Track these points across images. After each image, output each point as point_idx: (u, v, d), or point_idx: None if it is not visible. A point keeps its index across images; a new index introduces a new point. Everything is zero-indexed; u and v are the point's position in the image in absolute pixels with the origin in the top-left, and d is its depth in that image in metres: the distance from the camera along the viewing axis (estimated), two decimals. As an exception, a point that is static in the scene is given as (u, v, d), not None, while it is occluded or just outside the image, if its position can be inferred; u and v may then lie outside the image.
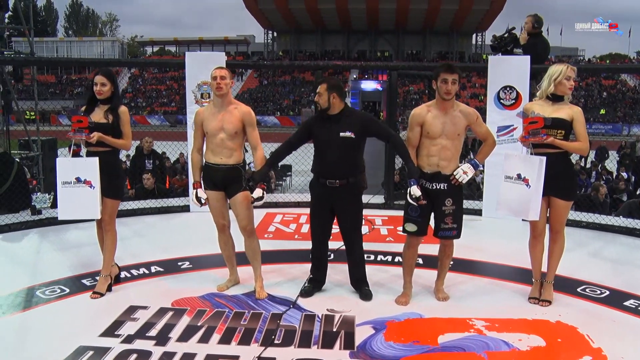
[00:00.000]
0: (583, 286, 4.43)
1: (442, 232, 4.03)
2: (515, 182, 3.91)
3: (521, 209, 3.91)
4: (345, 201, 4.08)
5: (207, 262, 4.94)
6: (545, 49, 7.04)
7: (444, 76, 3.83)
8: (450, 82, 3.82)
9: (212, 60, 6.58)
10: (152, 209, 7.08)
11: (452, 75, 3.83)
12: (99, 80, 4.03)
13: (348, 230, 4.16)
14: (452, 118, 3.93)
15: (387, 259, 5.16)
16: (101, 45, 60.50)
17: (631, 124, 40.17)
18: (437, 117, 3.93)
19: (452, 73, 3.83)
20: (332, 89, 3.96)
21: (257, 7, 51.46)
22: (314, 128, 4.07)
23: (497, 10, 50.17)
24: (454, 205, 3.99)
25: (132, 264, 4.83)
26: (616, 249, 5.72)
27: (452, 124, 3.92)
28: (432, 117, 3.93)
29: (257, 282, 4.25)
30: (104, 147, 4.05)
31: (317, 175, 4.11)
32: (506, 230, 6.13)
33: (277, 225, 6.42)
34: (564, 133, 3.84)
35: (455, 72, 3.85)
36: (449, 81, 3.82)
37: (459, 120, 3.93)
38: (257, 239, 4.29)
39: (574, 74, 3.87)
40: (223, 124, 4.05)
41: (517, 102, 6.56)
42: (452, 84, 3.83)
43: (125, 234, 5.87)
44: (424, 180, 3.98)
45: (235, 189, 4.12)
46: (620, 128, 39.49)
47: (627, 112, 43.13)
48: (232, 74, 4.15)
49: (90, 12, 78.75)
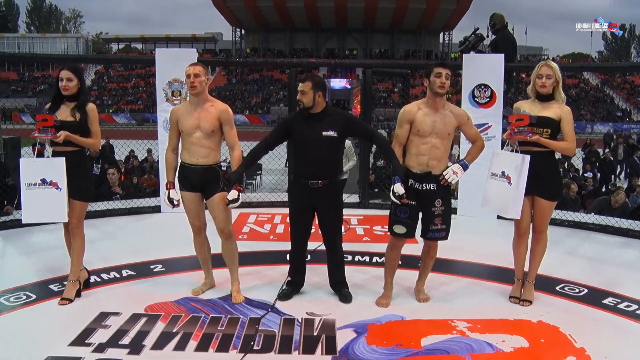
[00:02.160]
0: (562, 285, 4.42)
1: (431, 233, 3.95)
2: (500, 180, 3.88)
3: (503, 206, 3.89)
4: (327, 202, 3.98)
5: (181, 264, 4.78)
6: (507, 45, 7.04)
7: (438, 70, 3.78)
8: (444, 76, 3.78)
9: (183, 57, 6.42)
10: (122, 210, 6.86)
11: (445, 69, 3.79)
12: (65, 76, 3.84)
13: (330, 232, 4.06)
14: (443, 117, 3.86)
15: (364, 259, 5.08)
16: (65, 42, 59.30)
17: (594, 122, 41.05)
18: (427, 115, 3.86)
19: (445, 68, 3.80)
20: (317, 87, 3.85)
21: (224, 4, 50.96)
22: (293, 127, 3.94)
23: (463, 9, 50.71)
24: (444, 206, 3.93)
25: (102, 268, 4.64)
26: (591, 246, 5.75)
27: (443, 122, 3.86)
28: (423, 114, 3.86)
29: (234, 285, 4.12)
30: (71, 147, 3.86)
31: (298, 176, 3.98)
32: (482, 228, 6.14)
33: (252, 226, 6.28)
34: (550, 132, 3.81)
35: (448, 67, 3.81)
36: (443, 75, 3.77)
37: (449, 119, 3.87)
38: (235, 241, 4.15)
39: (549, 70, 3.83)
40: (199, 122, 3.90)
41: (491, 100, 6.57)
42: (445, 78, 3.78)
43: (95, 236, 5.66)
44: (413, 180, 3.90)
45: (212, 190, 3.97)
46: (584, 126, 40.27)
47: (590, 110, 44.09)
48: (207, 71, 3.99)
49: (53, 8, 76.80)
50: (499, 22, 7.14)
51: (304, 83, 3.87)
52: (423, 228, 3.99)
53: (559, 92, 3.87)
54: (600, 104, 46.08)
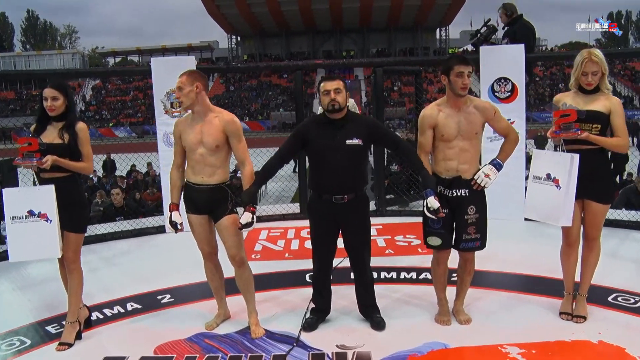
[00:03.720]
0: (614, 294, 3.98)
1: (465, 243, 3.51)
2: (545, 183, 3.43)
3: (551, 213, 3.43)
4: (354, 218, 3.53)
5: (191, 293, 4.35)
6: (526, 34, 6.60)
7: (459, 69, 3.33)
8: (466, 75, 3.34)
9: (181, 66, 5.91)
10: (124, 233, 6.40)
11: (467, 67, 3.34)
12: (49, 94, 3.41)
13: (358, 251, 3.61)
14: (467, 115, 3.43)
15: (391, 275, 4.63)
16: (61, 59, 59.14)
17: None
18: (450, 117, 3.43)
19: (467, 65, 3.34)
20: (346, 88, 3.42)
21: (219, 12, 50.73)
22: (310, 135, 3.48)
23: (459, 4, 50.46)
24: (478, 214, 3.49)
25: (104, 302, 4.20)
26: (634, 247, 5.29)
27: (468, 122, 3.43)
28: (445, 117, 3.44)
29: (252, 317, 3.68)
30: (60, 173, 3.43)
31: (319, 191, 3.53)
32: (509, 232, 5.68)
33: (264, 243, 5.83)
34: (600, 127, 3.36)
35: (470, 64, 3.36)
36: (465, 74, 3.33)
37: (474, 117, 3.44)
38: (249, 268, 3.71)
39: (594, 67, 3.35)
40: (202, 137, 3.46)
41: (513, 95, 6.14)
42: (468, 76, 3.35)
43: (95, 264, 5.27)
44: (442, 187, 3.48)
45: (220, 212, 3.54)
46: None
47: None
48: (195, 78, 3.45)
49: (47, 25, 76.67)
50: (515, 10, 6.70)
51: (335, 81, 3.42)
52: (456, 238, 3.56)
53: (605, 83, 3.41)
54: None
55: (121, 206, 7.60)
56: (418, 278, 4.53)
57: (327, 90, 3.41)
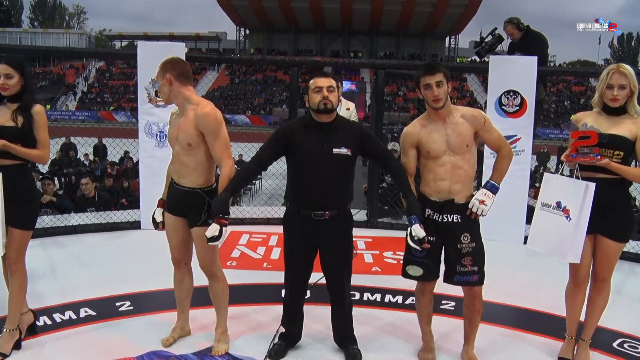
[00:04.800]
0: (619, 340, 3.59)
1: (460, 276, 3.08)
2: (553, 212, 3.04)
3: (558, 247, 3.03)
4: (335, 238, 3.13)
5: (155, 301, 3.96)
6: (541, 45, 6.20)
7: (424, 80, 2.95)
8: (434, 86, 2.94)
9: (170, 52, 5.57)
10: (96, 226, 5.96)
11: (433, 76, 2.94)
12: (2, 71, 3.02)
13: (337, 275, 3.20)
14: (455, 127, 3.03)
15: (375, 298, 4.23)
16: (68, 38, 58.70)
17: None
18: (435, 131, 3.04)
19: (433, 74, 2.94)
20: (339, 88, 3.08)
21: (229, 3, 50.24)
22: (294, 140, 3.05)
23: (470, 14, 50.04)
24: (473, 242, 3.08)
25: (57, 305, 3.80)
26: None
27: (457, 134, 3.02)
28: (428, 132, 3.05)
29: (217, 331, 3.31)
30: (9, 160, 3.03)
31: (297, 204, 3.11)
32: (507, 256, 5.25)
33: (243, 249, 5.41)
34: (623, 155, 2.95)
35: (437, 72, 2.95)
36: (433, 85, 2.94)
37: (463, 127, 3.03)
38: (223, 280, 3.31)
39: (622, 79, 2.96)
40: (177, 133, 3.09)
41: (521, 109, 5.76)
42: (437, 86, 2.94)
43: (58, 258, 4.88)
44: (432, 210, 3.08)
45: (193, 219, 3.15)
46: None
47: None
48: (165, 69, 3.08)
49: (57, 4, 76.22)
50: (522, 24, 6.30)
51: (328, 78, 3.04)
52: (447, 270, 3.14)
53: (634, 104, 2.99)
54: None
55: (92, 196, 7.16)
56: (404, 303, 4.14)
57: (319, 87, 3.00)
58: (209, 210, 3.09)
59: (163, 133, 5.75)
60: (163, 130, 5.75)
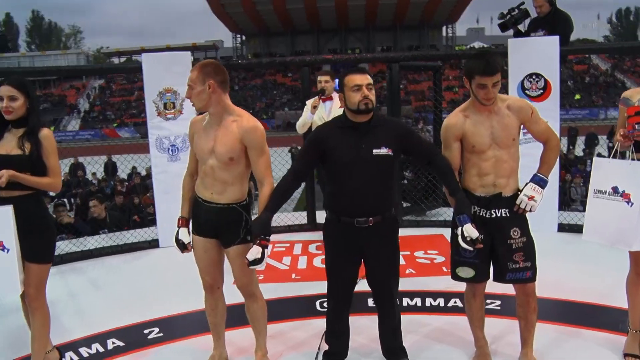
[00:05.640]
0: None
1: (512, 273, 2.86)
2: (611, 199, 2.82)
3: (621, 235, 2.81)
4: (380, 246, 2.88)
5: (185, 325, 3.74)
6: (566, 26, 5.94)
7: (481, 80, 2.71)
8: (490, 87, 2.72)
9: (176, 62, 5.45)
10: (111, 248, 5.73)
11: (491, 77, 2.71)
12: (6, 93, 2.81)
13: (384, 286, 2.96)
14: (501, 119, 2.82)
15: (415, 302, 4.00)
16: (66, 59, 58.75)
17: (607, 108, 39.68)
18: (480, 123, 2.83)
19: (492, 75, 2.70)
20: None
21: (224, 11, 50.24)
22: (329, 144, 2.81)
23: (466, 1, 49.72)
24: (524, 237, 2.86)
25: (82, 338, 3.58)
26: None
27: (502, 127, 2.81)
28: (473, 124, 2.83)
29: (257, 354, 3.09)
30: (20, 190, 2.82)
31: (337, 212, 2.86)
32: (543, 247, 4.81)
33: (268, 261, 5.09)
34: None
35: (497, 72, 2.72)
36: (489, 86, 2.72)
37: (509, 120, 2.82)
38: (262, 300, 3.07)
39: None
40: (215, 146, 2.81)
41: (545, 92, 5.51)
42: (493, 86, 2.73)
43: (78, 286, 4.68)
44: (478, 206, 2.86)
45: (230, 237, 2.88)
46: (597, 112, 38.99)
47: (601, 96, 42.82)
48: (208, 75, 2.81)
49: (52, 26, 76.49)
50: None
51: (365, 75, 2.79)
52: (498, 268, 2.92)
53: None
54: (611, 89, 44.70)
55: (103, 218, 6.94)
56: (446, 306, 3.91)
57: (358, 85, 2.74)
58: (247, 226, 2.87)
59: (175, 147, 5.54)
60: (175, 144, 5.54)
